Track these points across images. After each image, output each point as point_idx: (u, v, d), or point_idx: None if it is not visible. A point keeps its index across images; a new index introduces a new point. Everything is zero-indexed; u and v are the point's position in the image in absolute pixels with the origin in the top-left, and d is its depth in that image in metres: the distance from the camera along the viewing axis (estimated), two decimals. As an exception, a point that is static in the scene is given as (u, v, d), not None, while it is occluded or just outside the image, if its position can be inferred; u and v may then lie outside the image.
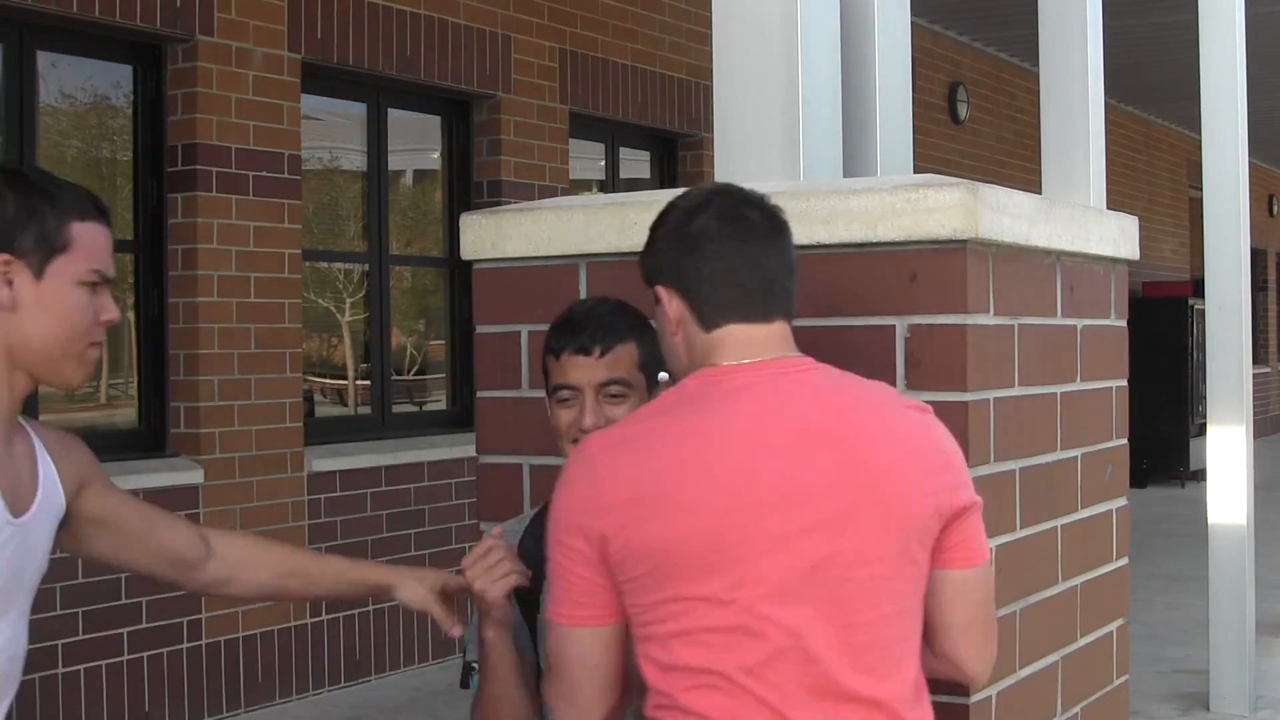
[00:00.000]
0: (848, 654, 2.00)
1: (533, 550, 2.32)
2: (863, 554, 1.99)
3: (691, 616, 1.99)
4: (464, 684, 2.54)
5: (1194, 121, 7.91)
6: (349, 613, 6.88)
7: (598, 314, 2.40)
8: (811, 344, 2.51)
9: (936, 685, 2.40)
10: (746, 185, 2.20)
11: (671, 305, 2.11)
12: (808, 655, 1.98)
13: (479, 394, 2.83)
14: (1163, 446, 14.33)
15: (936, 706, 2.42)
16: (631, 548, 1.99)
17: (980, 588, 2.14)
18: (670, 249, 2.11)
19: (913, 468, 2.04)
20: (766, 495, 1.98)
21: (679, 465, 2.00)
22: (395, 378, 7.68)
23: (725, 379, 2.06)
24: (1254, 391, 6.95)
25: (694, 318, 2.09)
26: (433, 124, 7.90)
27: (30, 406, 5.89)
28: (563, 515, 2.06)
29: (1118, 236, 3.01)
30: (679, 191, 2.22)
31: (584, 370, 2.36)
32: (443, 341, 7.99)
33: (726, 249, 2.07)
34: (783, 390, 2.05)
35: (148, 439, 6.35)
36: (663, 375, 2.33)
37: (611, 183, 8.95)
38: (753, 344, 2.08)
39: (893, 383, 2.44)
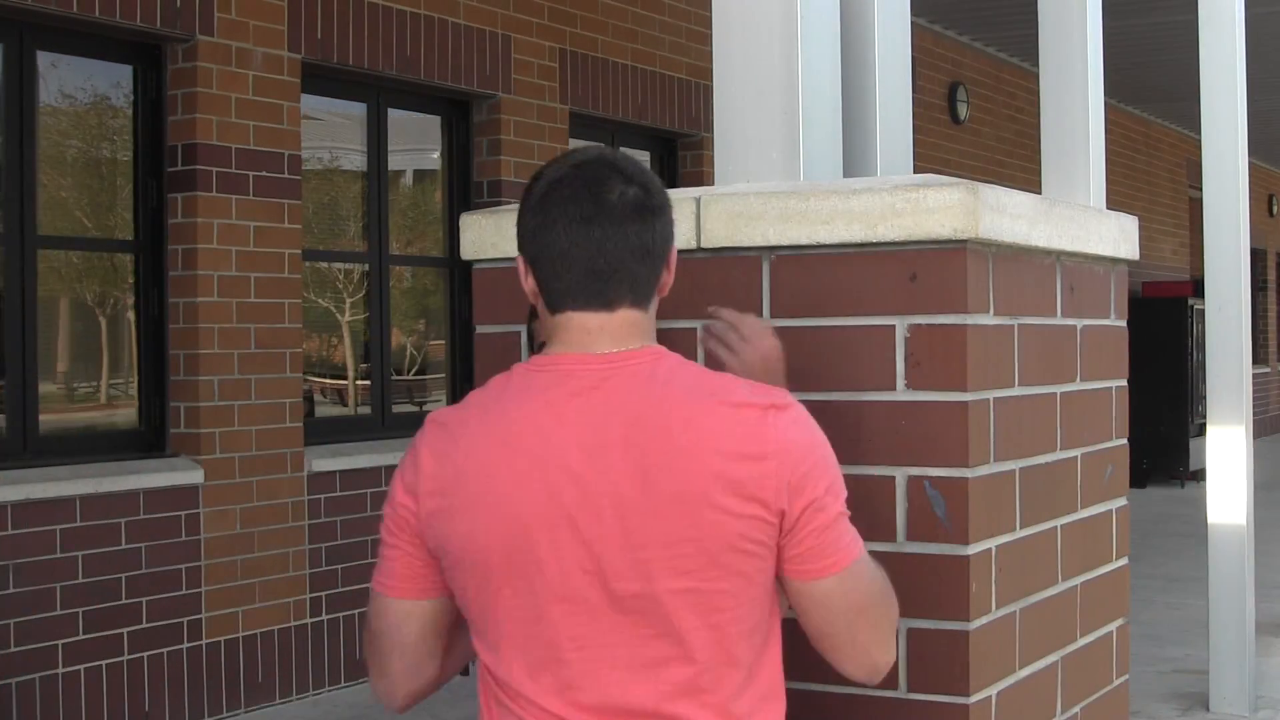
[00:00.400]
0: (637, 669, 1.93)
1: None
2: (663, 567, 1.90)
3: (492, 612, 1.97)
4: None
5: (1194, 121, 7.91)
6: (349, 613, 6.89)
7: None
8: (812, 344, 2.51)
9: (936, 684, 2.40)
10: (746, 185, 2.20)
11: (527, 281, 2.04)
12: (591, 668, 1.92)
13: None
14: (1163, 446, 14.33)
15: (936, 706, 2.42)
16: (439, 538, 1.98)
17: (839, 599, 1.98)
18: (526, 221, 2.02)
19: (722, 474, 1.89)
20: (566, 502, 1.91)
21: (483, 464, 1.96)
22: (395, 378, 7.68)
23: (548, 370, 1.98)
24: (1254, 391, 6.96)
25: (542, 297, 2.02)
26: (433, 124, 7.90)
27: (31, 406, 5.91)
28: (396, 483, 2.05)
29: (1118, 236, 3.01)
30: (679, 191, 2.22)
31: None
32: (443, 341, 7.99)
33: (572, 230, 1.96)
34: (604, 389, 1.94)
35: (148, 439, 6.35)
36: None
37: (611, 183, 8.94)
38: (589, 334, 1.98)
39: (893, 383, 2.44)
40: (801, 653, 2.51)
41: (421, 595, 2.04)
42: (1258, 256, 20.07)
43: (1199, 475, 13.53)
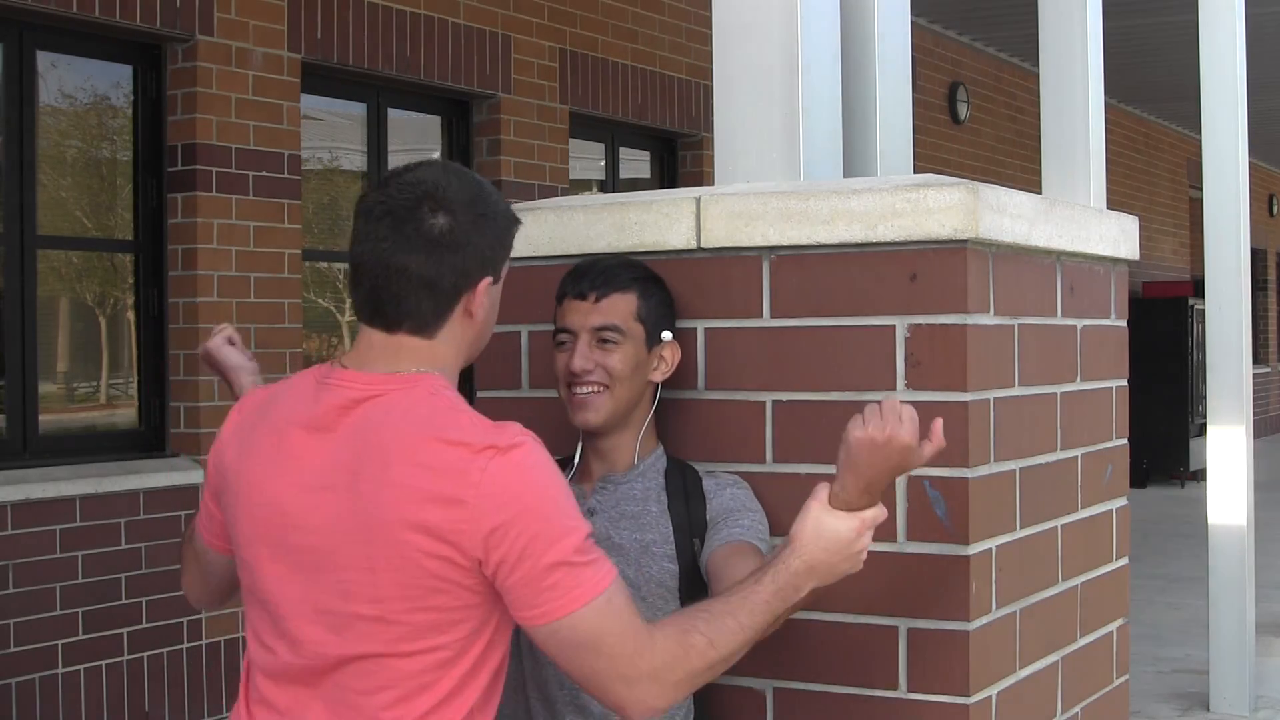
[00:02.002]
0: (326, 702, 2.00)
1: None
2: (360, 597, 1.95)
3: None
4: None
5: (1194, 121, 7.91)
6: (349, 613, 6.88)
7: (603, 264, 2.46)
8: (812, 344, 2.51)
9: (936, 684, 2.40)
10: (746, 185, 2.20)
11: None
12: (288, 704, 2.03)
13: (479, 394, 2.83)
14: (1163, 446, 14.32)
15: (936, 706, 2.42)
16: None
17: (564, 643, 1.95)
18: (354, 222, 2.09)
19: (420, 514, 1.91)
20: (283, 523, 2.01)
21: (238, 462, 2.09)
22: (395, 378, 7.67)
23: (315, 383, 2.06)
24: (1254, 391, 6.95)
25: None
26: (433, 124, 7.90)
27: (31, 406, 5.91)
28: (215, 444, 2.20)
29: (1118, 236, 3.01)
30: (680, 191, 2.22)
31: (579, 314, 2.43)
32: (443, 341, 7.98)
33: (367, 248, 2.03)
34: (355, 413, 1.99)
35: (148, 439, 6.35)
36: (666, 334, 2.32)
37: (611, 183, 8.95)
38: (371, 349, 2.05)
39: (893, 383, 2.44)
40: (802, 653, 2.51)
41: (212, 545, 2.24)
42: (1258, 256, 20.07)
43: (1199, 475, 13.53)
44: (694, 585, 2.42)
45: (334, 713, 2.00)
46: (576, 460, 2.53)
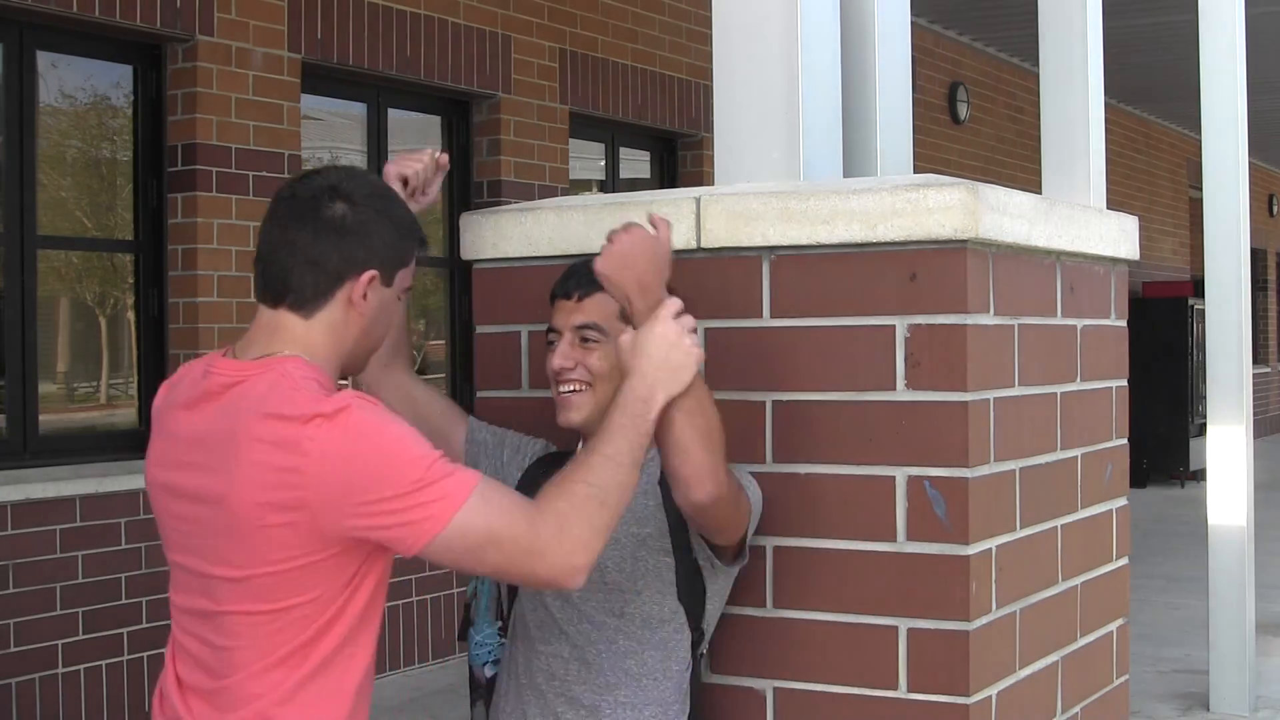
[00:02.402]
0: (200, 671, 2.17)
1: (539, 478, 2.34)
2: (226, 562, 2.11)
3: None
4: (461, 635, 2.56)
5: (1194, 121, 7.91)
6: (349, 613, 6.88)
7: (589, 264, 2.46)
8: (812, 344, 2.51)
9: (936, 684, 2.40)
10: (746, 185, 2.20)
11: None
12: (174, 670, 2.22)
13: (479, 394, 2.83)
14: (1163, 446, 14.32)
15: (936, 706, 2.42)
16: None
17: (455, 551, 2.07)
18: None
19: (265, 488, 2.05)
20: (170, 504, 2.23)
21: (150, 440, 2.30)
22: (395, 378, 7.66)
23: (202, 371, 2.22)
24: (1254, 391, 6.95)
25: None
26: (433, 124, 7.90)
27: (31, 406, 5.91)
28: None
29: (1118, 236, 3.02)
30: (680, 191, 2.22)
31: (563, 314, 2.46)
32: (443, 341, 7.99)
33: (267, 226, 2.20)
34: (221, 399, 2.14)
35: (148, 439, 6.34)
36: (625, 337, 2.34)
37: (611, 183, 8.95)
38: (254, 331, 2.20)
39: (893, 383, 2.44)
40: (803, 653, 2.51)
41: None
42: (1258, 256, 20.07)
43: (1199, 475, 13.53)
44: (691, 579, 2.42)
45: (209, 671, 2.16)
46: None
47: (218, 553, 2.11)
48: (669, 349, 2.22)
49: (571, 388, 2.44)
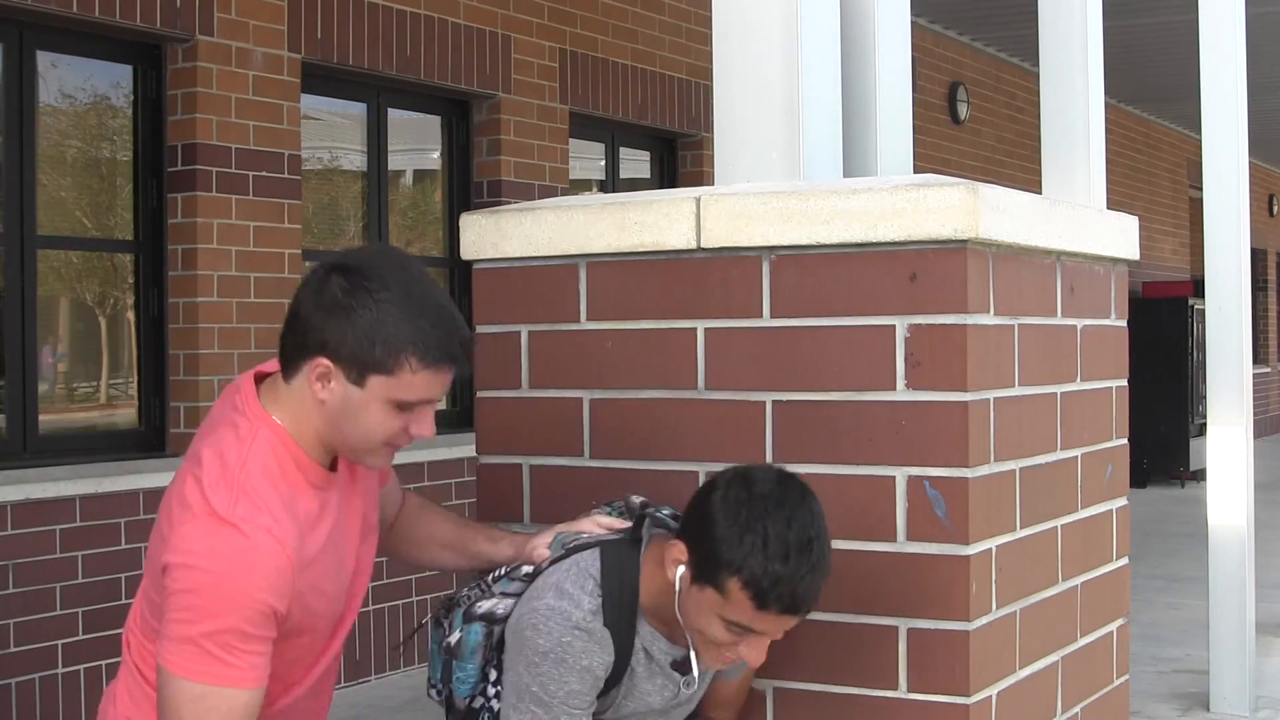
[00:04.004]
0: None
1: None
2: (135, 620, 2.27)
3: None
4: (435, 624, 2.55)
5: (1194, 121, 7.91)
6: (349, 613, 6.88)
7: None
8: (812, 344, 2.51)
9: (936, 684, 2.40)
10: (746, 185, 2.20)
11: None
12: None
13: (479, 394, 2.83)
14: (1163, 446, 14.32)
15: (936, 706, 2.42)
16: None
17: (159, 691, 2.11)
18: None
19: (158, 568, 2.13)
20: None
21: None
22: (395, 378, 7.66)
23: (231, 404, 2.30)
24: (1254, 391, 6.95)
25: None
26: (433, 124, 7.90)
27: (31, 406, 5.91)
28: None
29: (1118, 236, 3.02)
30: (680, 191, 2.22)
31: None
32: (443, 341, 7.97)
33: None
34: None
35: (148, 439, 6.35)
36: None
37: (611, 183, 8.95)
38: (270, 383, 2.25)
39: (892, 383, 2.44)
40: (802, 653, 2.51)
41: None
42: (1258, 256, 20.06)
43: (1199, 475, 13.53)
44: None
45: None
46: None
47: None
48: None
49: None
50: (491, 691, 2.42)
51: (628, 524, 2.44)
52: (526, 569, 2.43)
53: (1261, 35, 10.10)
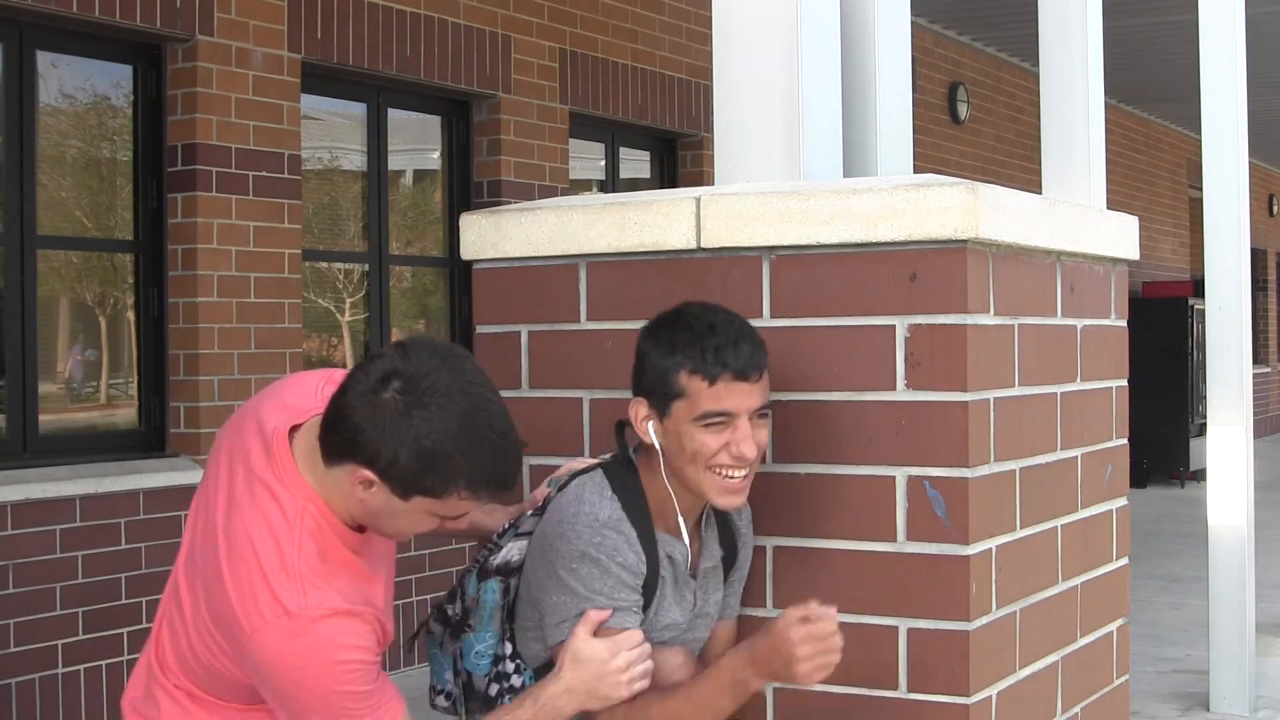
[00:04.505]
0: None
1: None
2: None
3: None
4: (416, 636, 2.59)
5: (1194, 121, 7.91)
6: (349, 613, 6.87)
7: (741, 330, 2.31)
8: (812, 344, 2.51)
9: (936, 684, 2.40)
10: (746, 185, 2.20)
11: None
12: None
13: (479, 394, 2.83)
14: (1163, 446, 14.31)
15: (936, 706, 2.42)
16: None
17: None
18: None
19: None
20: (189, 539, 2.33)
21: None
22: (395, 378, 7.65)
23: (263, 446, 2.28)
24: (1254, 391, 6.95)
25: None
26: (433, 124, 7.90)
27: (31, 406, 5.91)
28: None
29: (1118, 236, 3.02)
30: (680, 191, 2.22)
31: (742, 396, 2.28)
32: (443, 341, 7.98)
33: None
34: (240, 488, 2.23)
35: (148, 439, 6.35)
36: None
37: (611, 183, 8.95)
38: (312, 443, 2.22)
39: (893, 383, 2.44)
40: (801, 653, 2.50)
41: None
42: (1258, 256, 20.06)
43: (1199, 475, 13.53)
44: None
45: None
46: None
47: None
48: (601, 675, 2.26)
49: (745, 472, 2.31)
50: (510, 667, 2.42)
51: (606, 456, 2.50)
52: (531, 516, 2.46)
53: (1261, 35, 10.10)
